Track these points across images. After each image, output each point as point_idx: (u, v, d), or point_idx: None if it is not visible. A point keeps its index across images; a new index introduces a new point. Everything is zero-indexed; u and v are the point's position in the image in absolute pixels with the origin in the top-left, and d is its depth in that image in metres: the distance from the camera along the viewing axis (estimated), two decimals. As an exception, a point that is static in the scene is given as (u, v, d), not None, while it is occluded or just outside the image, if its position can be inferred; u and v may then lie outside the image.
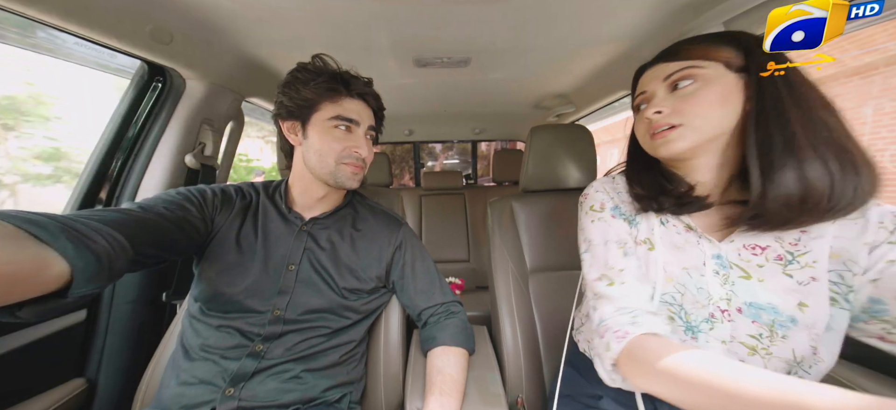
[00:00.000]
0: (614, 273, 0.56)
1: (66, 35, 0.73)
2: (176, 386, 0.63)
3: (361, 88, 0.73)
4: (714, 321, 0.51)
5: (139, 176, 0.98)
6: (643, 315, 0.50)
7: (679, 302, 0.53)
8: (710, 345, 0.51)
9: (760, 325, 0.48)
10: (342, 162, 0.70)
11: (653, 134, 0.54)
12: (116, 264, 0.46)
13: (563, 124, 1.09)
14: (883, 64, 2.91)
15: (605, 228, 0.61)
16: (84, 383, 0.85)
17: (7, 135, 1.45)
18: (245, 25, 0.87)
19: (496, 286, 0.93)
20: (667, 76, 0.53)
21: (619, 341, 0.49)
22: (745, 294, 0.49)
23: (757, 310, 0.48)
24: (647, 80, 0.57)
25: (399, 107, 1.77)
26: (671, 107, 0.52)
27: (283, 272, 0.69)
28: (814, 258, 0.46)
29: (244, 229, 0.71)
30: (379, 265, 0.77)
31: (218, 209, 0.71)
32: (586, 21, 0.89)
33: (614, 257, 0.57)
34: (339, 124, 0.70)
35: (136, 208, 0.57)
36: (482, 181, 3.13)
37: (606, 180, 0.68)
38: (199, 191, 0.70)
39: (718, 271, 0.51)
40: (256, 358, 0.64)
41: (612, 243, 0.59)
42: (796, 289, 0.47)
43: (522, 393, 0.82)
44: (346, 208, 0.81)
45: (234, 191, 0.76)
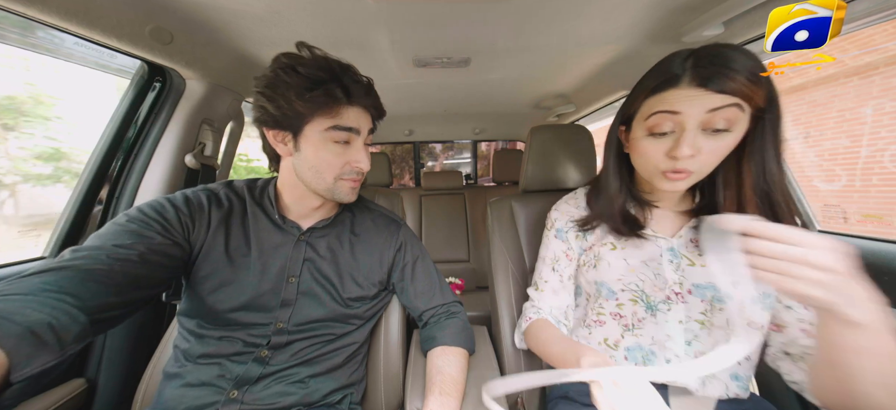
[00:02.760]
0: (541, 283, 0.76)
1: (66, 35, 0.72)
2: (177, 388, 0.62)
3: (363, 97, 0.63)
4: (671, 302, 0.60)
5: (139, 176, 0.98)
6: (543, 311, 0.74)
7: (641, 288, 0.62)
8: (669, 324, 0.60)
9: (706, 303, 0.58)
10: (341, 178, 0.64)
11: (669, 172, 0.53)
12: (65, 332, 0.40)
13: (563, 124, 1.09)
14: (883, 64, 2.90)
15: (547, 245, 0.77)
16: (84, 383, 0.85)
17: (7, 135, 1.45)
18: (245, 25, 0.87)
19: (496, 286, 0.93)
20: (712, 109, 0.48)
21: (526, 322, 0.75)
22: (693, 277, 0.59)
23: (702, 290, 0.58)
24: (684, 101, 0.50)
25: (399, 107, 1.77)
26: (697, 149, 0.50)
27: (284, 285, 0.66)
28: None
29: (233, 241, 0.64)
30: (380, 269, 0.75)
31: (190, 227, 0.62)
32: (586, 21, 0.89)
33: (545, 270, 0.76)
34: (337, 137, 0.61)
35: (78, 259, 0.47)
36: (482, 181, 3.12)
37: (572, 196, 0.78)
38: (156, 211, 0.59)
39: (672, 260, 0.61)
40: (262, 364, 0.63)
41: (547, 259, 0.76)
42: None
43: (522, 393, 0.82)
44: (343, 213, 0.77)
45: (205, 197, 0.65)
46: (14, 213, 1.49)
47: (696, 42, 0.91)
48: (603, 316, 0.67)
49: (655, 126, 0.53)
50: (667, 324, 0.60)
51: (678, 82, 0.51)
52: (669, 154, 0.52)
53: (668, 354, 0.60)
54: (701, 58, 0.50)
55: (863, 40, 2.93)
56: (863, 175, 3.03)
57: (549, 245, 0.76)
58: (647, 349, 0.62)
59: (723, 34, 0.85)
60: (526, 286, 0.92)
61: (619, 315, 0.65)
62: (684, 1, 0.78)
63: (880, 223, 2.95)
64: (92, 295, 0.45)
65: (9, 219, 1.51)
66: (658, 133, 0.53)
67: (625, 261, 0.64)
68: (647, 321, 0.62)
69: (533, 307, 0.76)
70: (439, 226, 2.20)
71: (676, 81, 0.51)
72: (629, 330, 0.63)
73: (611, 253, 0.65)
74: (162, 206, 0.60)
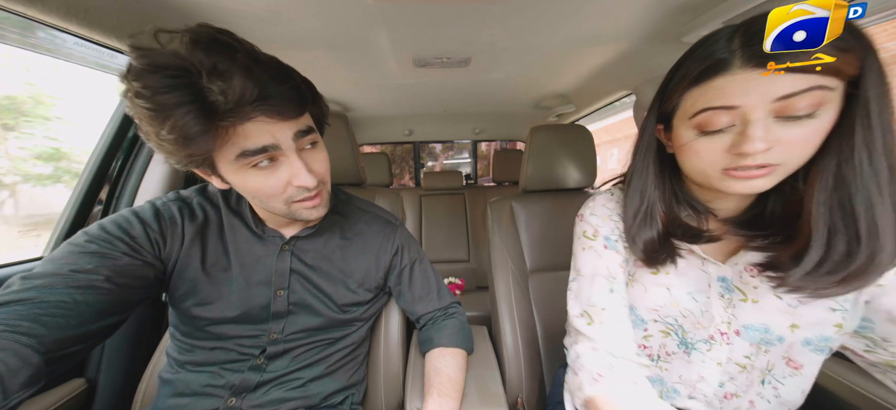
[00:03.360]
0: (596, 311, 0.53)
1: (66, 35, 0.72)
2: (172, 397, 0.60)
3: (251, 98, 0.42)
4: (713, 342, 0.50)
5: (139, 176, 0.99)
6: (621, 362, 0.49)
7: (679, 323, 0.52)
8: (705, 365, 0.51)
9: (754, 345, 0.49)
10: (293, 201, 0.53)
11: (734, 170, 0.41)
12: (14, 379, 0.35)
13: (563, 124, 1.09)
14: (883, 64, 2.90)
15: (595, 260, 0.56)
16: (84, 383, 0.85)
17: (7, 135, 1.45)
18: (245, 25, 0.87)
19: (496, 286, 0.93)
20: (783, 96, 0.37)
21: (592, 384, 0.49)
22: (744, 317, 0.49)
23: (752, 333, 0.49)
24: (741, 89, 0.38)
25: (399, 107, 1.77)
26: (773, 139, 0.38)
27: (273, 298, 0.62)
28: None
29: (209, 255, 0.58)
30: (376, 273, 0.72)
31: (160, 243, 0.55)
32: (586, 21, 0.89)
33: (599, 293, 0.53)
34: (254, 162, 0.47)
35: (29, 291, 0.40)
36: (482, 181, 3.12)
37: (606, 198, 0.60)
38: (120, 228, 0.51)
39: (723, 294, 0.50)
40: (259, 371, 0.62)
41: (599, 278, 0.54)
42: (787, 311, 0.46)
43: (522, 394, 0.82)
44: (331, 217, 0.70)
45: (177, 209, 0.58)
46: (14, 213, 1.49)
47: (696, 42, 0.91)
48: None
49: (706, 124, 0.41)
50: (702, 365, 0.51)
51: (728, 67, 0.39)
52: (733, 151, 0.40)
53: (694, 393, 0.53)
54: (755, 32, 0.37)
55: (863, 40, 2.93)
56: (863, 175, 3.03)
57: (598, 259, 0.56)
58: (670, 386, 0.54)
59: (723, 34, 0.85)
60: (526, 286, 0.92)
61: (644, 346, 0.55)
62: (684, 1, 0.78)
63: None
64: (48, 330, 0.39)
65: (9, 219, 1.51)
66: (712, 131, 0.41)
67: (667, 290, 0.52)
68: (677, 357, 0.53)
69: (596, 354, 0.50)
70: (439, 226, 2.20)
71: (725, 65, 0.39)
72: (653, 361, 0.55)
73: (651, 277, 0.53)
74: (127, 222, 0.52)
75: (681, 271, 0.52)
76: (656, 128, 0.51)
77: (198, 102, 0.39)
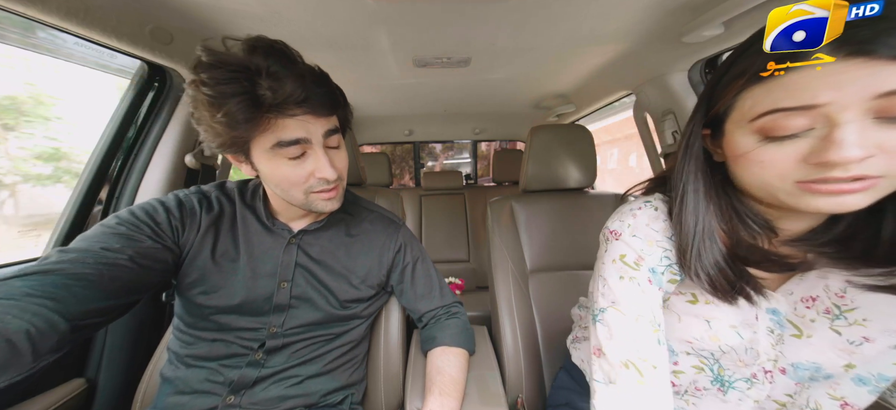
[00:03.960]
0: (646, 368, 0.42)
1: (66, 35, 0.72)
2: (172, 395, 0.61)
3: (296, 97, 0.49)
4: (754, 382, 0.45)
5: (139, 176, 0.99)
6: None
7: (716, 358, 0.46)
8: (742, 405, 0.46)
9: (799, 384, 0.44)
10: (312, 192, 0.58)
11: (815, 183, 0.33)
12: (41, 341, 0.38)
13: (563, 124, 1.09)
14: (883, 64, 2.90)
15: (639, 296, 0.45)
16: (84, 383, 0.85)
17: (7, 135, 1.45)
18: (245, 25, 0.87)
19: (496, 286, 0.93)
20: (883, 94, 0.29)
21: None
22: (793, 354, 0.42)
23: (800, 371, 0.43)
24: (826, 83, 0.31)
25: (399, 107, 1.77)
26: (873, 145, 0.31)
27: (276, 290, 0.63)
28: (864, 316, 0.39)
29: (220, 245, 0.62)
30: (379, 271, 0.74)
31: (180, 230, 0.59)
32: (586, 21, 0.89)
33: (648, 342, 0.43)
34: (286, 153, 0.53)
35: (64, 262, 0.45)
36: (482, 181, 3.12)
37: (650, 215, 0.48)
38: (147, 213, 0.57)
39: (773, 329, 0.43)
40: (257, 367, 0.62)
41: (645, 321, 0.44)
42: (845, 348, 0.40)
43: (522, 393, 0.82)
44: (337, 215, 0.73)
45: (197, 200, 0.63)
46: (14, 213, 1.49)
47: (697, 42, 0.91)
48: None
49: (774, 129, 0.34)
50: (740, 404, 0.46)
51: (808, 54, 0.31)
52: (813, 160, 0.32)
53: None
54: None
55: (863, 40, 2.93)
56: (863, 175, 3.03)
57: (642, 295, 0.45)
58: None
59: (723, 34, 0.85)
60: (526, 286, 0.92)
61: (672, 383, 0.48)
62: (684, 1, 0.78)
63: None
64: (76, 301, 0.43)
65: (9, 219, 1.51)
66: (782, 136, 0.34)
67: (707, 324, 0.45)
68: (709, 394, 0.47)
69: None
70: (439, 226, 2.20)
71: (802, 55, 0.31)
72: (679, 396, 0.49)
73: (686, 306, 0.46)
74: (153, 209, 0.58)
75: (728, 301, 0.44)
76: (703, 134, 0.43)
77: (249, 94, 0.47)
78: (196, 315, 0.62)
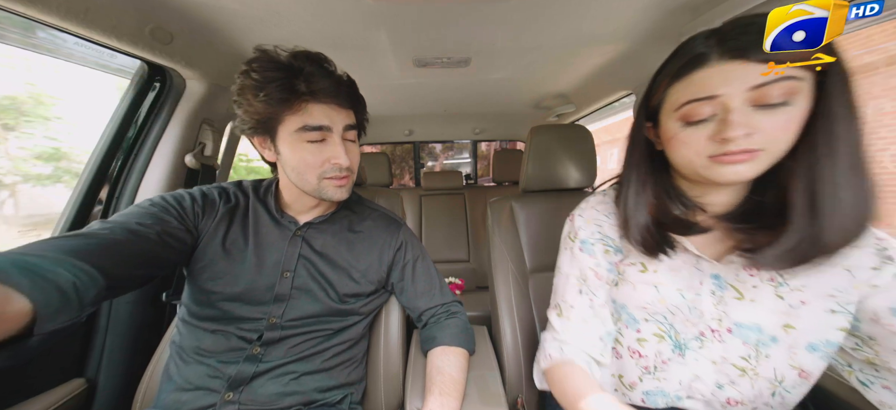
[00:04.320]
0: (565, 307, 0.61)
1: (66, 35, 0.72)
2: (172, 392, 0.62)
3: (326, 90, 0.60)
4: (704, 339, 0.51)
5: (139, 176, 0.99)
6: (569, 347, 0.58)
7: (669, 321, 0.54)
8: (699, 364, 0.52)
9: (749, 346, 0.50)
10: (325, 177, 0.64)
11: (720, 156, 0.43)
12: (86, 293, 0.43)
13: (563, 124, 1.09)
14: (883, 64, 2.91)
15: (570, 260, 0.63)
16: (84, 383, 0.85)
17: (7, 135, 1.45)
18: (245, 25, 0.87)
19: (496, 286, 0.93)
20: (757, 86, 0.40)
21: (547, 360, 0.61)
22: (736, 315, 0.50)
23: (745, 331, 0.49)
24: (720, 80, 0.42)
25: (399, 107, 1.77)
26: (753, 126, 0.41)
27: (278, 279, 0.66)
28: (802, 283, 0.47)
29: (231, 234, 0.67)
30: (379, 268, 0.75)
31: (200, 216, 0.66)
32: (586, 21, 0.89)
33: (570, 292, 0.61)
34: (309, 137, 0.61)
35: (103, 230, 0.52)
36: (482, 181, 3.13)
37: (598, 200, 0.64)
38: (176, 199, 0.65)
39: (715, 291, 0.51)
40: (254, 362, 0.63)
41: (572, 278, 0.62)
42: (786, 311, 0.47)
43: (522, 393, 0.82)
44: (341, 211, 0.78)
45: (218, 193, 0.71)
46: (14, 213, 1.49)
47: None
48: (620, 348, 0.58)
49: (691, 115, 0.44)
50: (696, 363, 0.52)
51: (707, 60, 0.42)
52: (717, 137, 0.43)
53: (691, 392, 0.53)
54: (728, 30, 0.42)
55: (863, 40, 2.93)
56: (863, 175, 3.03)
57: (573, 260, 0.62)
58: (672, 395, 0.55)
59: (723, 34, 0.85)
60: (526, 286, 0.92)
61: (639, 354, 0.56)
62: (684, 1, 0.78)
63: (880, 224, 2.95)
64: (112, 263, 0.49)
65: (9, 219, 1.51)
66: (696, 121, 0.44)
67: (655, 288, 0.53)
68: (673, 362, 0.53)
69: (555, 341, 0.60)
70: (439, 226, 2.20)
71: (704, 59, 0.42)
72: (650, 373, 0.55)
73: (639, 276, 0.55)
74: (181, 196, 0.66)
75: (673, 268, 0.53)
76: (646, 126, 0.54)
77: (288, 82, 0.57)
78: (201, 303, 0.64)
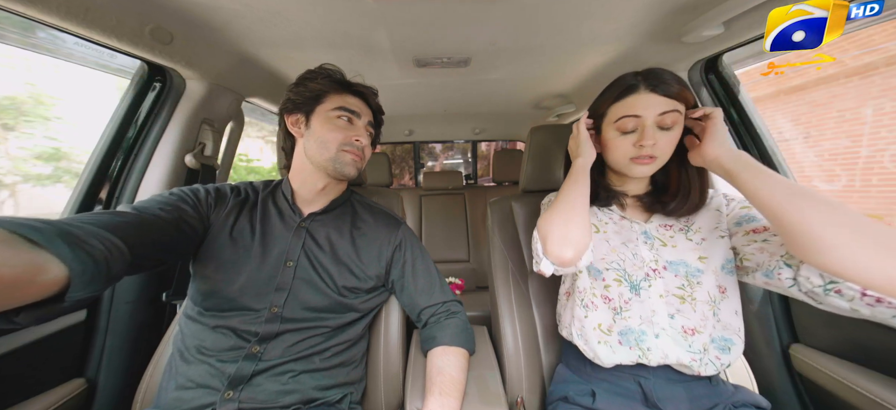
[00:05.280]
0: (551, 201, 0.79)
1: (66, 35, 0.73)
2: (173, 391, 0.62)
3: (363, 88, 0.78)
4: (650, 279, 0.67)
5: (139, 176, 0.98)
6: None
7: (622, 267, 0.69)
8: (651, 299, 0.67)
9: (681, 278, 0.66)
10: (343, 149, 0.72)
11: (637, 159, 0.65)
12: (114, 267, 0.46)
13: (563, 124, 1.09)
14: (883, 64, 2.90)
15: (549, 202, 0.81)
16: (84, 383, 0.85)
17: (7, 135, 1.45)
18: (245, 25, 0.87)
19: (496, 286, 0.93)
20: (663, 112, 0.62)
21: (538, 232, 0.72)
22: (666, 256, 0.68)
23: (675, 267, 0.67)
24: (643, 105, 0.63)
25: (399, 107, 1.77)
26: (656, 140, 0.63)
27: (281, 269, 0.69)
28: (699, 226, 0.69)
29: (238, 225, 0.71)
30: (378, 264, 0.77)
31: (212, 207, 0.71)
32: (586, 21, 0.89)
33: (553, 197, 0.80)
34: (341, 115, 0.73)
35: (132, 211, 0.57)
36: (482, 181, 3.13)
37: None
38: (192, 190, 0.70)
39: (646, 241, 0.70)
40: (254, 360, 0.63)
41: (551, 196, 0.82)
42: (696, 248, 0.67)
43: (522, 393, 0.82)
44: (344, 207, 0.81)
45: (230, 189, 0.76)
46: (14, 213, 1.49)
47: (697, 42, 0.91)
48: (595, 299, 0.71)
49: (623, 127, 0.65)
50: (650, 300, 0.66)
51: (637, 90, 0.64)
52: (636, 144, 0.64)
53: (655, 329, 0.66)
54: (648, 74, 0.65)
55: (863, 40, 2.93)
56: (863, 175, 3.03)
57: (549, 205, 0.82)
58: (638, 331, 0.67)
59: (723, 34, 0.85)
60: (526, 286, 0.92)
61: (608, 298, 0.69)
62: (684, 1, 0.78)
63: (880, 223, 2.94)
64: (137, 242, 0.53)
65: (9, 219, 1.51)
66: (626, 131, 0.66)
67: (607, 243, 0.72)
68: (633, 301, 0.67)
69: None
70: (439, 226, 2.20)
71: (635, 88, 0.64)
72: (618, 313, 0.68)
73: (595, 236, 0.72)
74: (196, 188, 0.72)
75: (616, 230, 0.73)
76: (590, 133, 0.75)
77: (341, 78, 0.77)
78: (205, 293, 0.67)
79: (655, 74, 0.64)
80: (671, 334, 0.65)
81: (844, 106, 3.10)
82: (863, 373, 0.72)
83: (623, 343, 0.67)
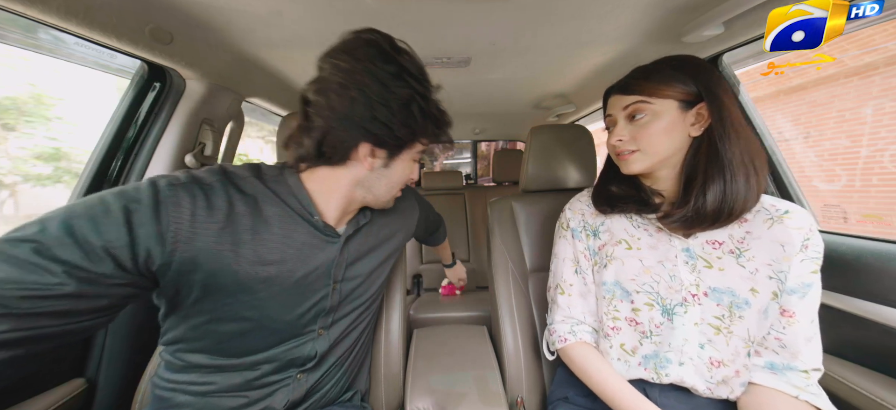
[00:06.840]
0: (565, 286, 0.73)
1: (66, 35, 0.73)
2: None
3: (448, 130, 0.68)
4: (687, 304, 0.60)
5: (139, 176, 0.98)
6: (579, 327, 0.70)
7: (656, 290, 0.62)
8: (685, 327, 0.60)
9: (723, 307, 0.59)
10: (399, 188, 0.67)
11: (617, 154, 0.66)
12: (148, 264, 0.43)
13: (563, 124, 1.09)
14: (883, 64, 2.90)
15: (566, 245, 0.75)
16: (84, 383, 0.85)
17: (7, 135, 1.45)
18: (245, 25, 0.87)
19: (496, 286, 0.93)
20: (624, 107, 0.63)
21: (561, 343, 0.70)
22: (710, 280, 0.59)
23: (719, 294, 0.59)
24: (612, 105, 0.67)
25: (399, 107, 1.76)
26: (630, 134, 0.63)
27: (329, 292, 0.62)
28: (754, 254, 0.58)
29: (243, 252, 0.52)
30: (405, 237, 0.81)
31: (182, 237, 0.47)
32: (586, 21, 0.89)
33: (568, 272, 0.73)
34: (418, 158, 0.65)
35: None
36: (482, 181, 3.12)
37: (584, 194, 0.79)
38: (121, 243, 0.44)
39: (688, 261, 0.62)
40: (301, 387, 0.63)
41: (568, 260, 0.74)
42: (748, 277, 0.57)
43: (522, 393, 0.82)
44: (365, 212, 0.69)
45: (185, 194, 0.51)
46: (14, 213, 1.49)
47: (697, 42, 0.91)
48: (618, 322, 0.65)
49: (609, 125, 0.69)
50: (683, 328, 0.60)
51: (610, 94, 0.68)
52: (614, 141, 0.66)
53: (682, 358, 0.61)
54: (622, 79, 0.66)
55: (863, 40, 2.93)
56: (863, 175, 3.03)
57: (566, 246, 0.74)
58: (664, 356, 0.62)
59: (723, 34, 0.85)
60: (526, 286, 0.92)
61: (635, 322, 0.64)
62: (684, 1, 0.78)
63: (880, 223, 2.95)
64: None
65: (9, 219, 1.51)
66: (610, 128, 0.68)
67: (640, 262, 0.64)
68: (664, 327, 0.61)
69: (565, 321, 0.71)
70: (439, 226, 2.20)
71: (610, 93, 0.68)
72: (647, 337, 0.63)
73: (625, 253, 0.65)
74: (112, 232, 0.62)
75: (652, 245, 0.65)
76: None
77: (444, 119, 0.65)
78: (224, 342, 0.59)
79: (627, 76, 0.65)
80: (696, 364, 0.60)
81: (844, 106, 3.10)
82: (863, 373, 0.72)
83: (643, 366, 0.63)
